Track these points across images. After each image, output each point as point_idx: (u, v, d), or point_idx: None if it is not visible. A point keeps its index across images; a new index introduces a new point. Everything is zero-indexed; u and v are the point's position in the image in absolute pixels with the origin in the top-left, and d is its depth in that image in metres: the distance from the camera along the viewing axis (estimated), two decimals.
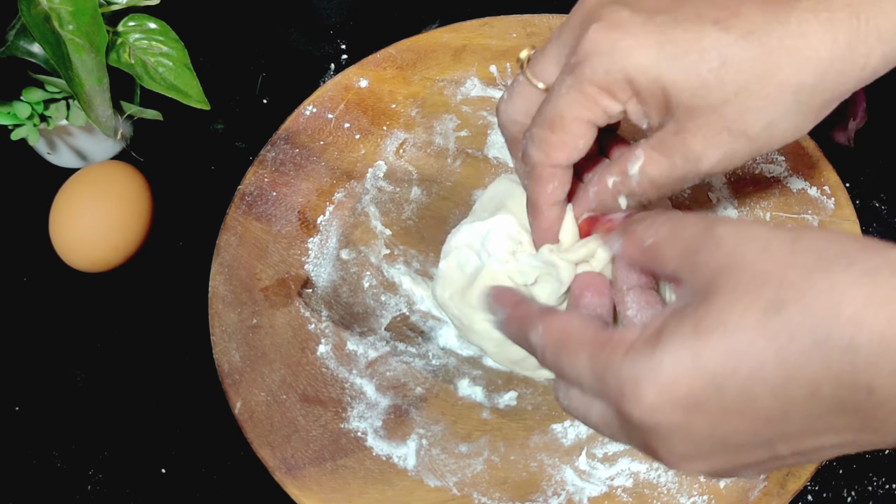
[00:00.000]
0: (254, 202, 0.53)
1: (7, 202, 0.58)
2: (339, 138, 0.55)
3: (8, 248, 0.56)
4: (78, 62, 0.49)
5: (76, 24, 0.49)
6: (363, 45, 0.61)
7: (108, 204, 0.52)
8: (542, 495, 0.44)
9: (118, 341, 0.53)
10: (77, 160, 0.58)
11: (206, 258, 0.51)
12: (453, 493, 0.44)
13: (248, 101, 0.62)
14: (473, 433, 0.46)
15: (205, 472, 0.49)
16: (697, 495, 0.43)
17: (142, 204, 0.53)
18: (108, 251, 0.52)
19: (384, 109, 0.56)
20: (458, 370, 0.48)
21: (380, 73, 0.57)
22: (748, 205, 0.52)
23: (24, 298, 0.55)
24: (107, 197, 0.52)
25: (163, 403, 0.51)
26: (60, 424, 0.51)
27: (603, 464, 0.44)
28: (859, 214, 0.50)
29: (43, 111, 0.52)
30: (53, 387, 0.52)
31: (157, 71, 0.52)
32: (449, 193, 0.54)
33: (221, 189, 0.54)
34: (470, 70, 0.57)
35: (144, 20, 0.52)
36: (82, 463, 0.49)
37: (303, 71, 0.63)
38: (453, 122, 0.56)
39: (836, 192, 0.51)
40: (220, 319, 0.49)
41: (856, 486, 0.47)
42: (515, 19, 0.58)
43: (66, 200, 0.52)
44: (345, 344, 0.49)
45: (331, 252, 0.52)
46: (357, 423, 0.46)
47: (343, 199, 0.54)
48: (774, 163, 0.52)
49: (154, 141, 0.59)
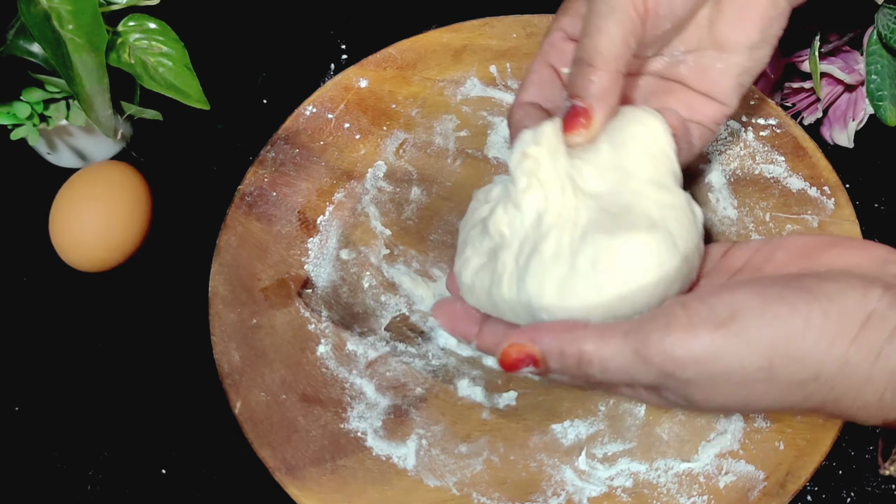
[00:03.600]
0: (254, 202, 0.53)
1: (7, 202, 0.58)
2: (339, 138, 0.55)
3: (8, 248, 0.56)
4: (78, 62, 0.49)
5: (76, 23, 0.49)
6: (363, 45, 0.61)
7: (108, 204, 0.52)
8: (541, 495, 0.44)
9: (118, 341, 0.53)
10: (77, 160, 0.58)
11: (206, 258, 0.51)
12: (453, 493, 0.44)
13: (248, 101, 0.62)
14: (473, 433, 0.46)
15: (205, 472, 0.49)
16: (697, 495, 0.43)
17: (141, 204, 0.53)
18: (108, 251, 0.52)
19: (384, 109, 0.56)
20: (457, 370, 0.48)
21: (380, 73, 0.57)
22: (748, 205, 0.52)
23: (24, 298, 0.55)
24: (107, 197, 0.52)
25: (163, 403, 0.51)
26: (60, 424, 0.51)
27: (603, 464, 0.44)
28: (859, 214, 0.50)
29: (43, 111, 0.52)
30: (53, 387, 0.52)
31: (157, 71, 0.52)
32: (449, 193, 0.54)
33: (221, 189, 0.54)
34: (470, 70, 0.57)
35: (144, 20, 0.52)
36: (82, 463, 0.49)
37: (303, 71, 0.63)
38: (453, 123, 0.56)
39: (836, 192, 0.51)
40: (220, 319, 0.49)
41: (855, 487, 0.47)
42: (515, 19, 0.58)
43: (66, 200, 0.52)
44: (345, 344, 0.49)
45: (331, 252, 0.52)
46: (357, 423, 0.46)
47: (343, 199, 0.54)
48: (774, 163, 0.52)
49: (154, 141, 0.59)
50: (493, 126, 0.56)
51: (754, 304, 0.28)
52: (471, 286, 0.38)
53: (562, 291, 0.33)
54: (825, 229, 0.50)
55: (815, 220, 0.50)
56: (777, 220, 0.51)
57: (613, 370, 0.30)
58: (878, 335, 0.28)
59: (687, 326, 0.29)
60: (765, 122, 0.54)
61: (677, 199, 0.35)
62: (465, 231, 0.41)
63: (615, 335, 0.30)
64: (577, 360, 0.30)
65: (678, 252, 0.33)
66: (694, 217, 0.36)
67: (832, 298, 0.28)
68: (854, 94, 0.57)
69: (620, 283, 0.32)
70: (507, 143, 0.55)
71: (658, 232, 0.33)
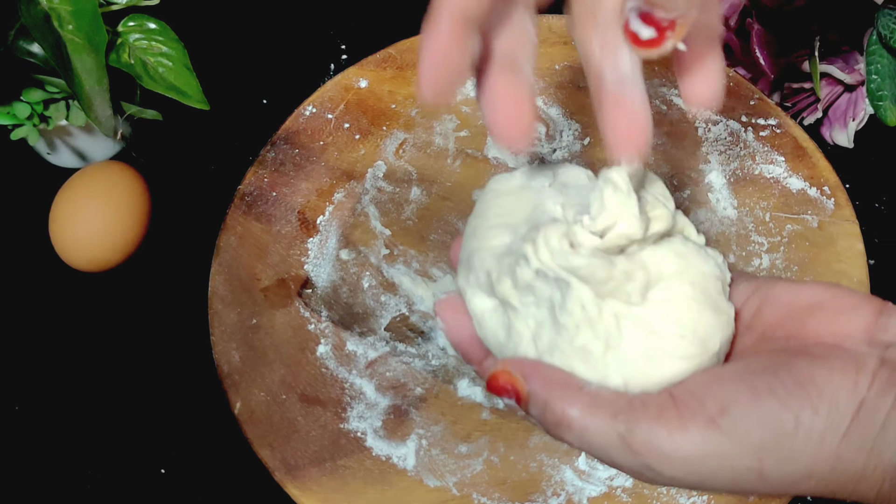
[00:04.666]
0: (254, 202, 0.53)
1: (7, 202, 0.58)
2: (339, 138, 0.55)
3: (8, 248, 0.56)
4: (78, 62, 0.49)
5: (76, 24, 0.49)
6: (363, 45, 0.61)
7: (107, 204, 0.52)
8: (541, 495, 0.44)
9: (118, 341, 0.53)
10: (77, 160, 0.58)
11: (206, 258, 0.51)
12: (453, 493, 0.44)
13: (248, 101, 0.62)
14: (473, 433, 0.46)
15: (205, 472, 0.49)
16: (697, 496, 0.43)
17: (141, 204, 0.53)
18: (107, 251, 0.52)
19: (384, 109, 0.56)
20: (457, 370, 0.48)
21: (380, 73, 0.57)
22: (748, 205, 0.52)
23: (24, 298, 0.55)
24: (106, 197, 0.52)
25: (163, 403, 0.51)
26: (60, 424, 0.51)
27: (602, 464, 0.44)
28: (859, 214, 0.50)
29: (43, 111, 0.52)
30: (53, 387, 0.52)
31: (156, 71, 0.52)
32: (449, 193, 0.54)
33: (221, 189, 0.54)
34: None
35: (144, 20, 0.52)
36: (82, 463, 0.49)
37: (303, 71, 0.63)
38: (453, 123, 0.56)
39: (835, 193, 0.51)
40: (220, 319, 0.49)
41: None
42: None
43: (66, 200, 0.52)
44: (344, 344, 0.49)
45: (330, 252, 0.52)
46: (357, 423, 0.46)
47: (343, 199, 0.54)
48: (774, 163, 0.52)
49: (154, 141, 0.59)
50: None
51: (743, 398, 0.27)
52: (479, 321, 0.33)
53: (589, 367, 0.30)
54: (825, 229, 0.50)
55: (815, 220, 0.50)
56: (777, 220, 0.51)
57: (592, 445, 0.29)
58: (869, 429, 0.27)
59: (677, 420, 0.27)
60: (765, 122, 0.53)
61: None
62: (475, 236, 0.34)
63: (605, 412, 0.29)
64: (557, 419, 0.29)
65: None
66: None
67: (822, 392, 0.27)
68: (854, 94, 0.57)
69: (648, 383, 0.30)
70: None
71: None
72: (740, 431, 0.27)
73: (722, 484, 0.28)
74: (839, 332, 0.29)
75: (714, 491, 0.29)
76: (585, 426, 0.29)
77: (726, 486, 0.28)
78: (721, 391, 0.28)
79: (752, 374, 0.28)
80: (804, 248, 0.50)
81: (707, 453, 0.27)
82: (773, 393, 0.27)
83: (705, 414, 0.27)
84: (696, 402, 0.28)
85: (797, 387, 0.27)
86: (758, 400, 0.27)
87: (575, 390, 0.29)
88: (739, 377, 0.28)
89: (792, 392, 0.27)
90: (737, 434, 0.27)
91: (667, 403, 0.28)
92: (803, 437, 0.27)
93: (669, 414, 0.28)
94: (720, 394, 0.28)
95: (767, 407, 0.27)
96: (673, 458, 0.27)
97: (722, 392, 0.28)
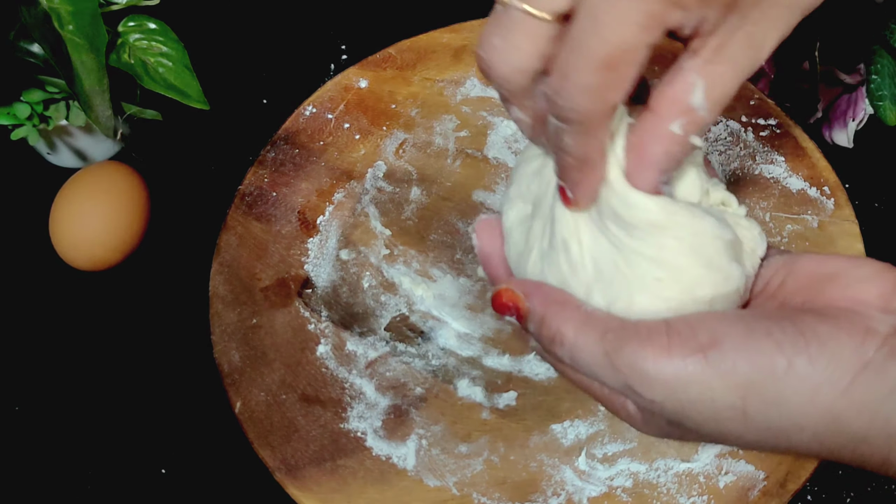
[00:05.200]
0: (254, 202, 0.53)
1: (7, 202, 0.58)
2: (339, 138, 0.55)
3: (8, 248, 0.56)
4: (78, 62, 0.49)
5: (76, 24, 0.49)
6: (363, 45, 0.61)
7: (107, 204, 0.52)
8: (541, 495, 0.44)
9: (118, 341, 0.53)
10: (77, 160, 0.58)
11: (206, 258, 0.51)
12: (453, 493, 0.44)
13: (248, 101, 0.62)
14: (473, 433, 0.46)
15: (205, 471, 0.49)
16: (697, 495, 0.43)
17: (140, 204, 0.53)
18: (107, 250, 0.52)
19: (384, 109, 0.56)
20: (457, 370, 0.48)
21: (380, 73, 0.57)
22: (748, 205, 0.52)
23: (24, 298, 0.55)
24: (106, 197, 0.52)
25: (163, 403, 0.51)
26: (60, 424, 0.51)
27: (602, 464, 0.44)
28: (859, 214, 0.50)
29: (43, 111, 0.52)
30: (53, 387, 0.52)
31: (156, 71, 0.52)
32: (449, 193, 0.54)
33: (221, 189, 0.54)
34: (470, 70, 0.57)
35: (144, 20, 0.52)
36: (82, 463, 0.49)
37: (303, 71, 0.63)
38: (453, 123, 0.56)
39: (835, 193, 0.51)
40: (220, 319, 0.49)
41: (854, 487, 0.47)
42: None
43: (66, 200, 0.52)
44: (344, 344, 0.49)
45: (330, 252, 0.52)
46: (357, 423, 0.46)
47: (343, 199, 0.54)
48: (774, 163, 0.52)
49: (153, 141, 0.59)
50: (493, 126, 0.56)
51: (737, 334, 0.27)
52: (508, 235, 0.35)
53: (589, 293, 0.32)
54: (825, 229, 0.50)
55: (815, 220, 0.50)
56: (777, 220, 0.51)
57: (580, 361, 0.29)
58: (873, 390, 0.26)
59: (664, 346, 0.27)
60: (765, 122, 0.54)
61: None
62: (524, 157, 0.35)
63: (595, 330, 0.29)
64: (552, 335, 0.30)
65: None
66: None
67: (824, 343, 0.26)
68: (854, 94, 0.57)
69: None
70: (506, 143, 0.55)
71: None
72: (726, 365, 0.27)
73: (703, 417, 0.28)
74: (854, 297, 0.29)
75: (698, 429, 0.28)
76: (575, 342, 0.29)
77: (707, 421, 0.28)
78: (717, 326, 0.28)
79: (754, 318, 0.28)
80: (804, 248, 0.50)
81: (687, 380, 0.27)
82: (769, 335, 0.27)
83: (695, 343, 0.27)
84: (690, 332, 0.28)
85: (798, 335, 0.27)
86: (751, 338, 0.27)
87: (572, 308, 0.30)
88: (741, 319, 0.28)
89: (791, 338, 0.27)
90: (722, 367, 0.27)
91: (659, 329, 0.28)
92: (794, 384, 0.26)
93: (659, 339, 0.28)
94: (715, 328, 0.28)
95: (760, 346, 0.27)
96: (653, 380, 0.27)
97: (717, 327, 0.28)
